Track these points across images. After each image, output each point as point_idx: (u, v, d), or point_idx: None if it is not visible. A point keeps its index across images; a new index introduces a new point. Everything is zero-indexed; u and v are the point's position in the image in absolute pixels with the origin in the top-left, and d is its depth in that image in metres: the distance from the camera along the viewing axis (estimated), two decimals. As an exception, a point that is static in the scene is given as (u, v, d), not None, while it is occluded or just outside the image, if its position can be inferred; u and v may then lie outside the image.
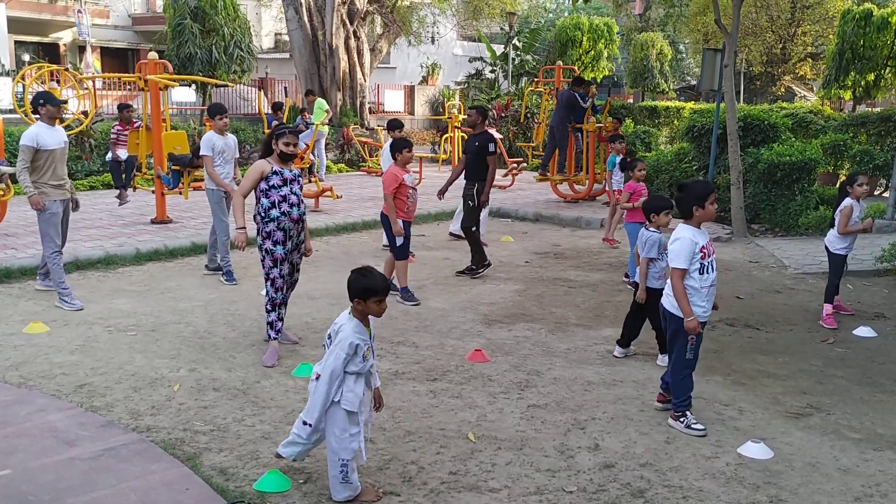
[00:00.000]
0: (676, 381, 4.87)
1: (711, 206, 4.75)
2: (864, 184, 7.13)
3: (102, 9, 29.76)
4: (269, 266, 5.85)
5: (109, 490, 3.90)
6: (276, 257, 5.82)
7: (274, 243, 5.80)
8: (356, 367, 3.79)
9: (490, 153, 8.70)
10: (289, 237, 5.84)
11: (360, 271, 3.88)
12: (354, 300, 3.82)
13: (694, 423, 4.80)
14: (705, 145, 13.31)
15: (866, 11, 18.08)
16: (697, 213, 4.75)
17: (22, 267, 8.23)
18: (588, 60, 25.74)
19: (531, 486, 4.10)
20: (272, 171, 5.78)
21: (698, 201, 4.70)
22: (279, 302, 5.94)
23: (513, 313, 7.36)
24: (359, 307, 3.82)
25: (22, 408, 4.86)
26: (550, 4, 41.58)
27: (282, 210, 5.77)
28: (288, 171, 5.85)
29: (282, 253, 5.82)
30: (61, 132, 7.23)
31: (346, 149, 19.88)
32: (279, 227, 5.78)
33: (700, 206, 4.72)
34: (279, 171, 5.80)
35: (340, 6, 21.71)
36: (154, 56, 11.09)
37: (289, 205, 5.79)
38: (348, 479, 3.84)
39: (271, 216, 5.76)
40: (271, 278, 5.86)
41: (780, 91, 30.90)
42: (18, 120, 13.80)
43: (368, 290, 3.78)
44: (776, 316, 7.44)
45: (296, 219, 5.85)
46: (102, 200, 12.83)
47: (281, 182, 5.78)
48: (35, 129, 7.03)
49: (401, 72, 31.35)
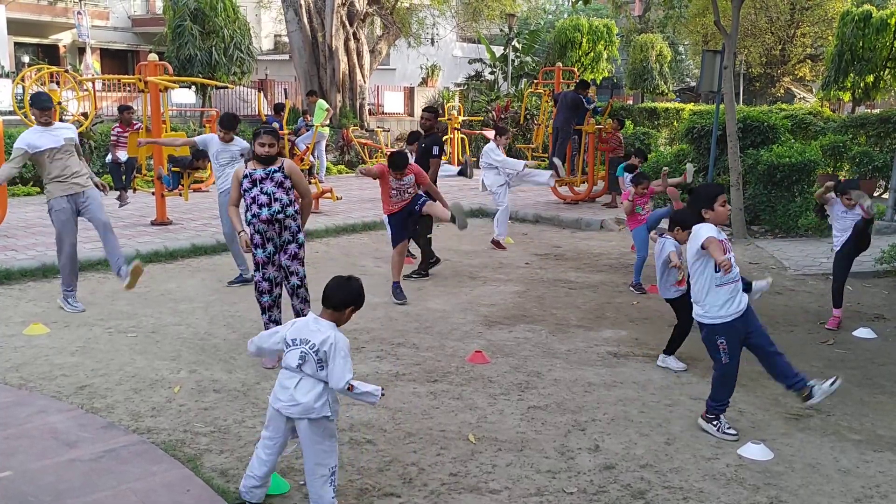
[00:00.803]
0: (716, 385, 4.83)
1: (721, 208, 4.71)
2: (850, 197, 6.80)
3: (102, 10, 29.75)
4: (253, 269, 5.87)
5: (110, 491, 3.90)
6: (257, 261, 5.78)
7: (254, 246, 5.75)
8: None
9: (433, 156, 8.78)
10: (267, 239, 5.73)
11: (349, 279, 3.82)
12: (350, 308, 3.78)
13: (727, 429, 4.76)
14: (705, 147, 13.31)
15: (865, 13, 18.10)
16: (708, 216, 4.73)
17: (22, 268, 8.23)
18: (588, 62, 25.75)
19: (531, 487, 4.11)
20: (244, 175, 5.73)
21: (707, 203, 4.69)
22: (267, 305, 5.88)
23: (513, 314, 7.36)
24: (350, 315, 3.80)
25: (22, 409, 4.86)
26: (550, 6, 41.60)
27: (252, 212, 5.69)
28: (260, 171, 5.68)
29: (262, 256, 5.75)
30: (61, 130, 7.12)
31: (346, 150, 19.89)
32: (255, 231, 5.72)
33: (709, 207, 4.70)
34: (249, 174, 5.71)
35: (340, 8, 21.72)
36: (154, 58, 11.10)
37: (258, 206, 5.65)
38: (334, 484, 3.75)
39: (247, 218, 5.75)
40: (255, 281, 5.86)
41: (779, 92, 30.93)
42: (18, 121, 13.80)
43: (362, 298, 3.80)
44: (776, 317, 7.44)
45: (265, 219, 5.64)
46: (102, 202, 12.81)
47: (250, 184, 5.70)
48: (27, 134, 7.03)
49: (400, 73, 31.37)
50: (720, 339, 4.73)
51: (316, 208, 12.61)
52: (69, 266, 7.16)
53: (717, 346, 4.74)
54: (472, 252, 10.29)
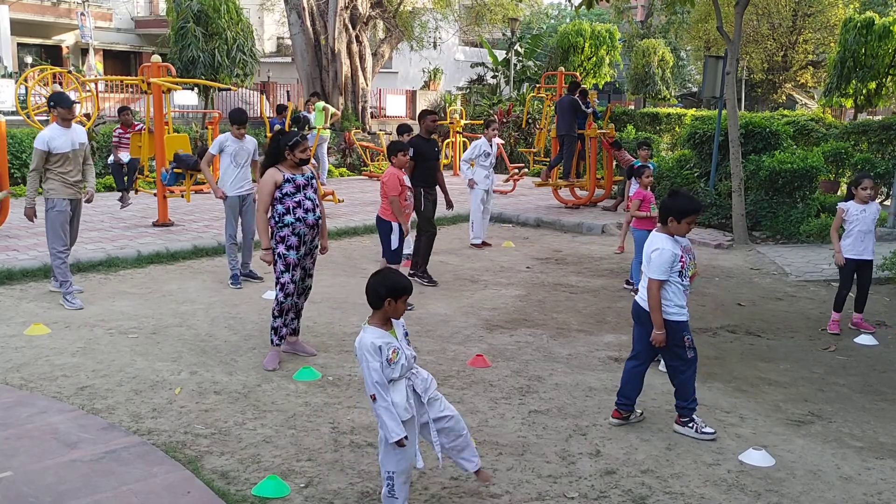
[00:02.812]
0: (683, 382, 4.85)
1: (686, 226, 4.73)
2: (867, 188, 7.02)
3: (105, 11, 29.80)
4: (280, 270, 5.80)
5: (111, 493, 3.89)
6: (289, 262, 5.78)
7: (287, 248, 5.76)
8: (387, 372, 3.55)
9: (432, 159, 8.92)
10: (303, 242, 5.81)
11: (384, 273, 3.68)
12: (386, 301, 3.56)
13: (704, 427, 4.81)
14: (707, 152, 13.33)
15: (868, 20, 18.10)
16: (671, 225, 4.75)
17: (24, 269, 8.23)
18: (590, 67, 25.80)
19: (532, 491, 4.10)
20: (284, 180, 5.73)
21: (678, 215, 4.70)
22: (288, 308, 5.90)
23: (514, 319, 7.36)
24: (389, 308, 3.58)
25: (23, 410, 4.86)
26: (552, 10, 41.65)
27: (297, 216, 5.73)
28: (300, 177, 5.80)
29: (294, 258, 5.79)
30: (78, 133, 7.27)
31: (348, 153, 19.90)
32: (294, 233, 5.74)
33: (676, 220, 4.71)
34: (291, 178, 5.75)
35: (343, 11, 21.76)
36: (157, 59, 11.11)
37: (304, 210, 5.75)
38: (394, 494, 3.63)
39: (286, 221, 5.73)
40: (282, 283, 5.82)
41: (781, 99, 30.95)
42: (21, 122, 13.82)
43: (400, 290, 3.58)
44: (777, 323, 7.44)
45: (311, 224, 5.80)
46: (104, 203, 12.82)
47: (294, 189, 5.75)
48: (48, 133, 7.08)
49: (403, 76, 31.42)
50: (687, 335, 4.82)
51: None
52: (63, 261, 7.23)
53: (683, 341, 4.80)
54: (473, 255, 10.29)
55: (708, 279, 9.16)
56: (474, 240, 10.84)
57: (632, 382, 4.97)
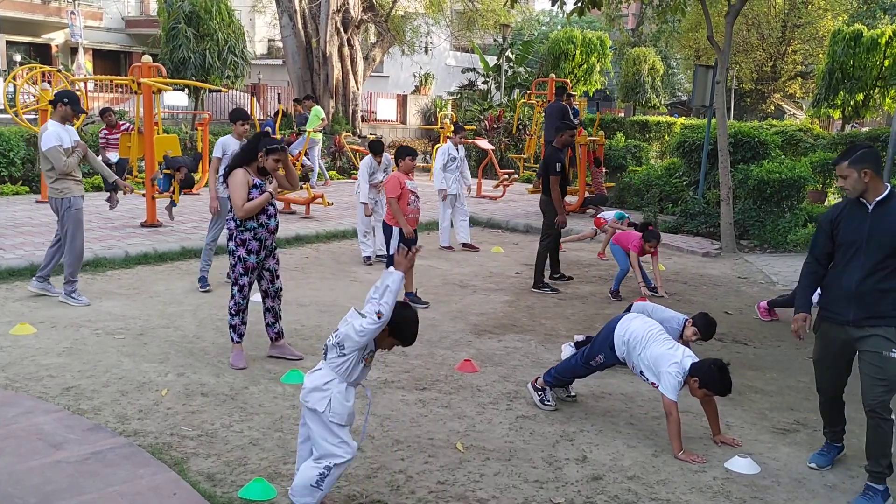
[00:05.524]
0: (569, 363, 5.33)
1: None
2: None
3: (96, 11, 29.69)
4: (239, 273, 5.86)
5: (96, 494, 3.87)
6: (248, 266, 5.84)
7: (248, 252, 5.81)
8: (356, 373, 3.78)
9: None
10: (263, 247, 5.87)
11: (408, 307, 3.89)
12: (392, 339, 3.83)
13: (548, 401, 5.29)
14: (696, 161, 13.41)
15: (856, 32, 18.29)
16: (690, 382, 4.87)
17: (9, 268, 8.17)
18: (581, 74, 25.90)
19: (519, 496, 4.11)
20: (253, 185, 5.76)
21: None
22: (243, 308, 5.97)
23: (503, 324, 7.37)
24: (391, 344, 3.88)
25: (8, 410, 4.83)
26: (544, 17, 41.80)
27: (259, 221, 5.79)
28: (267, 184, 5.87)
29: (254, 262, 5.85)
30: (73, 131, 7.38)
31: (338, 156, 19.88)
32: (255, 237, 5.80)
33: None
34: (259, 184, 5.79)
35: (335, 14, 21.75)
36: (147, 59, 11.08)
37: (267, 216, 5.82)
38: (320, 486, 3.66)
39: (248, 226, 5.76)
40: (240, 284, 5.89)
41: (769, 108, 31.18)
42: (9, 120, 13.74)
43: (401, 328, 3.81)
44: (764, 332, 7.48)
45: (273, 229, 5.90)
46: (92, 203, 12.73)
47: (260, 195, 5.77)
48: (54, 129, 7.11)
49: (394, 81, 31.41)
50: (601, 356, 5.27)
51: (307, 214, 12.61)
52: (79, 259, 7.39)
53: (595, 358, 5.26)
54: (463, 260, 10.30)
55: (695, 287, 9.20)
56: (443, 242, 11.11)
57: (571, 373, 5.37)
